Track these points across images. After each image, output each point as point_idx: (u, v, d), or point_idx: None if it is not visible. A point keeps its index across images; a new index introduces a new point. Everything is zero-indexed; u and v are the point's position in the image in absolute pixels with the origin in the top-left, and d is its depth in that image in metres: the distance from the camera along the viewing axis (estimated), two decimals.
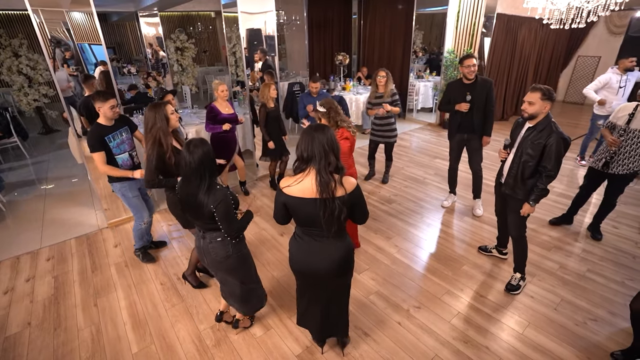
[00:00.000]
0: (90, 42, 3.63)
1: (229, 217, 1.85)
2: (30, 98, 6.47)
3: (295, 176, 1.67)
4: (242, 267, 2.07)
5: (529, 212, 2.45)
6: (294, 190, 1.64)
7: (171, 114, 2.46)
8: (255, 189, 4.55)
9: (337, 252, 1.76)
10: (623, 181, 3.02)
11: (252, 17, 4.31)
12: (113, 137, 2.68)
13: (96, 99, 2.59)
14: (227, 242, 1.96)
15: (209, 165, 1.78)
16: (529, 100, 2.28)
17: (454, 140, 3.66)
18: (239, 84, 6.20)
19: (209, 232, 1.96)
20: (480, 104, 3.34)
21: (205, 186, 1.78)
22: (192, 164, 1.74)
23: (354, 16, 8.72)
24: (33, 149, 6.24)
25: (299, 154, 1.64)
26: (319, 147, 1.58)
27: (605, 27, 8.13)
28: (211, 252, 1.98)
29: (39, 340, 2.39)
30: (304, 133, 1.65)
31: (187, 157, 1.75)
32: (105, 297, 2.76)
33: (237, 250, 2.01)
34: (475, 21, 5.93)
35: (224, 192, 1.84)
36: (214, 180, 1.85)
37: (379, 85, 4.06)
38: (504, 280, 2.80)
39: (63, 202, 4.28)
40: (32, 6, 2.91)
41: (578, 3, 3.34)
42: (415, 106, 7.61)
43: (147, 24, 7.56)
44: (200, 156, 1.73)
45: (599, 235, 3.30)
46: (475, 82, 3.31)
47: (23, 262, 3.21)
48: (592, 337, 2.31)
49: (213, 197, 1.79)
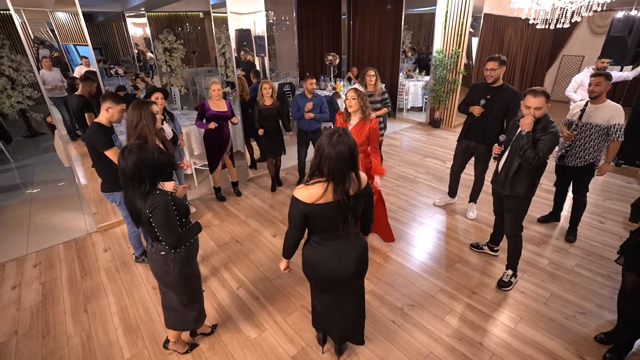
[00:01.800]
0: (75, 42, 3.56)
1: (167, 223, 1.73)
2: (14, 100, 6.30)
3: (313, 186, 1.60)
4: (182, 286, 1.96)
5: (497, 153, 2.61)
6: (312, 199, 1.59)
7: (156, 113, 2.43)
8: (246, 189, 4.52)
9: (356, 251, 1.77)
10: (583, 175, 3.08)
11: (242, 18, 4.28)
12: (114, 137, 2.65)
13: (108, 99, 2.53)
14: (169, 257, 1.86)
15: (146, 171, 1.68)
16: (535, 106, 2.24)
17: (460, 145, 3.54)
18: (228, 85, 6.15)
19: (155, 242, 1.87)
20: (498, 113, 3.11)
21: (143, 191, 1.70)
22: (126, 170, 1.66)
23: (344, 16, 8.75)
24: (17, 153, 6.08)
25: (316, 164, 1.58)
26: (339, 166, 1.52)
27: (588, 27, 8.33)
28: (154, 262, 1.91)
29: (26, 349, 2.32)
30: (325, 143, 1.55)
31: (122, 162, 1.67)
32: (95, 302, 2.71)
33: (180, 269, 1.89)
34: (463, 21, 6.01)
35: (163, 197, 1.73)
36: (154, 185, 1.75)
37: (369, 84, 4.08)
38: (496, 277, 2.84)
39: (50, 206, 4.18)
40: (14, 6, 2.83)
41: (562, 4, 3.42)
42: (405, 105, 7.68)
43: (134, 25, 7.46)
44: (135, 162, 1.65)
45: (572, 237, 3.30)
46: (500, 89, 3.09)
47: (8, 269, 3.12)
48: (581, 329, 2.36)
49: (150, 201, 1.70)
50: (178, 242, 1.79)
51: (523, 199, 2.52)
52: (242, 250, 3.30)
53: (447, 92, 6.59)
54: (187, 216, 1.93)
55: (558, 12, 3.64)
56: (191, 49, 11.37)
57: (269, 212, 3.97)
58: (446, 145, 5.96)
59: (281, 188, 4.55)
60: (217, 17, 4.87)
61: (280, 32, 8.59)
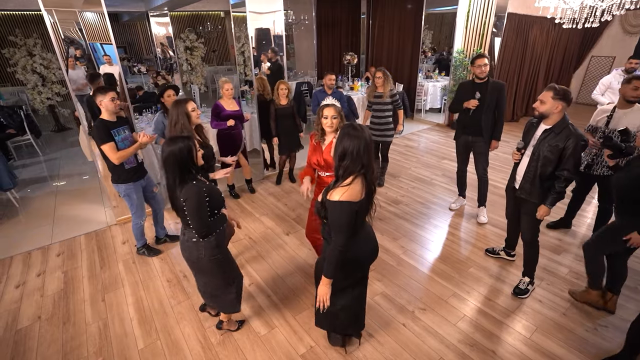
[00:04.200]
0: (101, 41, 3.69)
1: (199, 213, 1.86)
2: (44, 96, 6.60)
3: (350, 186, 1.61)
4: (215, 270, 2.04)
5: (546, 215, 2.41)
6: (358, 196, 1.63)
7: (192, 110, 2.57)
8: (261, 187, 4.56)
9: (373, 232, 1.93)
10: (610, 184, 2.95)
11: (261, 17, 4.32)
12: (117, 132, 2.74)
13: (97, 94, 2.66)
14: (200, 244, 1.95)
15: (178, 161, 1.81)
16: (541, 98, 2.24)
17: (459, 142, 3.61)
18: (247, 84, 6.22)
19: (188, 230, 1.97)
20: (490, 106, 3.27)
21: (177, 180, 1.84)
22: (164, 159, 1.83)
23: (363, 16, 8.69)
24: (46, 147, 6.37)
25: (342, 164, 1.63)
26: (367, 156, 1.62)
27: (620, 26, 7.96)
28: (186, 250, 2.00)
29: (48, 334, 2.43)
30: (349, 135, 1.60)
31: (161, 152, 1.86)
32: (112, 292, 2.81)
33: (210, 255, 1.97)
34: (485, 21, 5.86)
35: (198, 188, 1.85)
36: (187, 175, 1.87)
37: (377, 85, 4.07)
38: (512, 284, 2.75)
39: (73, 199, 4.36)
40: (45, 6, 2.96)
41: (591, 2, 3.27)
42: (423, 106, 7.55)
43: (157, 24, 7.67)
44: (168, 153, 1.80)
45: None
46: (487, 83, 3.24)
47: (34, 257, 3.28)
48: (603, 343, 2.26)
49: (185, 191, 1.83)
50: (206, 231, 1.91)
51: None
52: (255, 248, 3.33)
53: None
54: (220, 208, 2.03)
55: (587, 11, 3.48)
56: (211, 47, 11.59)
57: (283, 211, 3.99)
58: None
59: (294, 185, 4.57)
60: (237, 17, 4.93)
61: (299, 32, 8.63)
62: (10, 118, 5.62)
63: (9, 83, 8.83)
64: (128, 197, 2.95)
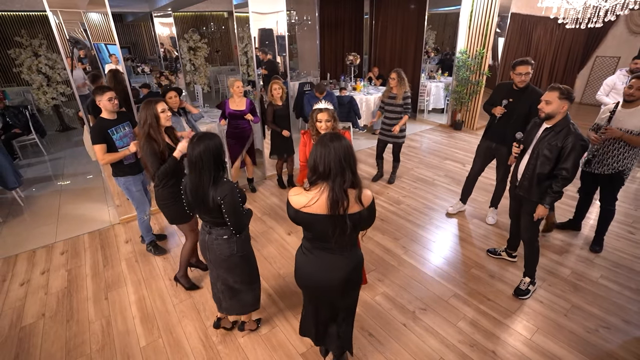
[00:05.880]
0: (105, 42, 3.72)
1: (237, 210, 1.86)
2: (49, 96, 6.66)
3: (309, 192, 1.52)
4: (244, 266, 2.08)
5: (542, 215, 2.40)
6: (304, 208, 1.51)
7: (161, 112, 2.45)
8: (263, 187, 4.58)
9: (346, 265, 1.65)
10: (611, 184, 2.93)
11: (264, 17, 4.33)
12: (116, 130, 2.77)
13: (95, 94, 2.71)
14: (232, 240, 1.97)
15: (212, 159, 1.78)
16: (546, 99, 2.23)
17: (481, 145, 3.44)
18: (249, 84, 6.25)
19: (216, 228, 1.97)
20: (521, 114, 2.99)
21: (210, 179, 1.80)
22: (192, 157, 1.78)
23: (366, 16, 8.68)
24: (50, 146, 6.43)
25: (311, 164, 1.49)
26: (335, 162, 1.44)
27: (625, 26, 7.89)
28: (216, 249, 1.99)
29: (52, 331, 2.46)
30: (318, 143, 1.49)
31: (190, 151, 1.79)
32: (115, 291, 2.83)
33: (242, 250, 2.02)
34: (488, 21, 5.84)
35: (231, 185, 1.85)
36: (220, 173, 1.86)
37: (392, 86, 4.08)
38: (513, 285, 2.75)
39: (78, 198, 4.40)
40: (50, 7, 2.99)
41: (595, 2, 3.25)
42: (426, 107, 7.54)
43: (161, 24, 7.70)
44: (204, 148, 1.75)
45: (597, 247, 3.14)
46: (524, 90, 2.97)
47: (39, 255, 3.31)
48: (605, 345, 2.25)
49: (221, 189, 1.80)
50: (244, 227, 1.93)
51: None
52: (256, 247, 3.34)
53: (470, 93, 6.42)
54: (245, 202, 2.05)
55: (590, 11, 3.46)
56: (215, 48, 11.63)
57: (285, 210, 4.00)
58: (467, 148, 5.82)
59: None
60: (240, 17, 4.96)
61: (302, 32, 8.65)
62: (16, 118, 5.68)
63: (15, 83, 8.91)
64: (128, 191, 3.02)
